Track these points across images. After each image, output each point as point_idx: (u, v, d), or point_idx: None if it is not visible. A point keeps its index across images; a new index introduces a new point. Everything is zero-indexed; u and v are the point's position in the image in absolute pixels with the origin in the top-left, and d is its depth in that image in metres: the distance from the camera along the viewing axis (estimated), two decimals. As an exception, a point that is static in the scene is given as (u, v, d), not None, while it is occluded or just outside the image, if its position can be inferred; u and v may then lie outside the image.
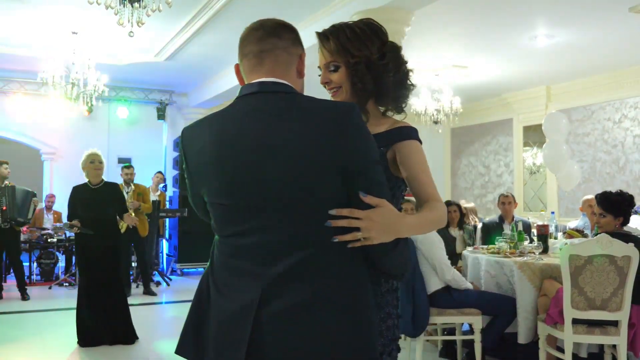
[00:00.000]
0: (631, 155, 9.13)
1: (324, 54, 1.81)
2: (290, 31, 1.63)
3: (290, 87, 1.56)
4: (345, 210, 1.45)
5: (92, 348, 5.19)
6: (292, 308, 1.44)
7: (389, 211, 1.49)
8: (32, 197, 7.97)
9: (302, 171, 1.44)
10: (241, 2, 6.43)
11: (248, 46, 1.61)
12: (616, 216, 4.11)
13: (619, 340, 3.74)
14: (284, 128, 1.46)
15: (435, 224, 1.73)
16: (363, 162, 1.48)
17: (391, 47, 1.84)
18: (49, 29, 7.54)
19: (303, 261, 1.45)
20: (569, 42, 7.66)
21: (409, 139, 1.78)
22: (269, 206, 1.47)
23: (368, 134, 1.52)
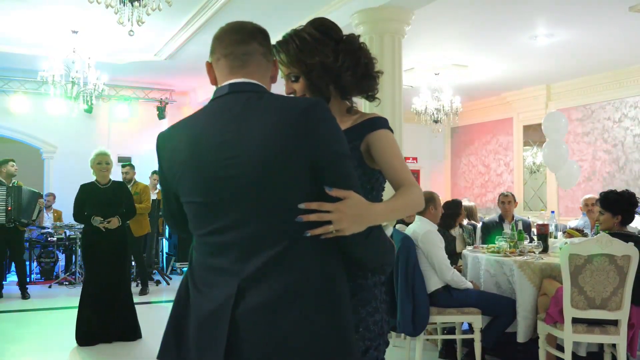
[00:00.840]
0: (631, 154, 9.13)
1: (281, 67, 1.83)
2: (267, 38, 1.68)
3: (260, 86, 1.60)
4: (314, 204, 1.46)
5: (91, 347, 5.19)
6: (266, 304, 1.45)
7: (357, 201, 1.49)
8: (38, 198, 7.98)
9: (268, 167, 1.45)
10: (240, 2, 6.43)
11: (229, 47, 1.62)
12: (614, 214, 4.12)
13: (618, 339, 3.74)
14: (249, 126, 1.49)
15: (410, 207, 1.73)
16: (328, 155, 1.49)
17: (346, 43, 1.83)
18: (49, 28, 7.55)
19: (276, 257, 1.46)
20: (569, 42, 7.66)
21: (379, 129, 1.80)
22: (240, 203, 1.49)
23: (334, 128, 1.53)
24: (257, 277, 1.47)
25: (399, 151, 1.81)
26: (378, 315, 1.80)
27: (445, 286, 4.30)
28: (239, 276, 1.48)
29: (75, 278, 8.71)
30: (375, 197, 1.84)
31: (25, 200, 7.75)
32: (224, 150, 1.50)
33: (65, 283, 8.71)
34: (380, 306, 1.82)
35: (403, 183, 1.74)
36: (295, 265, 1.48)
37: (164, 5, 5.22)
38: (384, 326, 1.83)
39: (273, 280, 1.46)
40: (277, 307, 1.45)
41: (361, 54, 1.85)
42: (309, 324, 1.46)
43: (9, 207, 7.54)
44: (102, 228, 5.27)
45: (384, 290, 1.85)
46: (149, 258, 8.89)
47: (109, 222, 5.30)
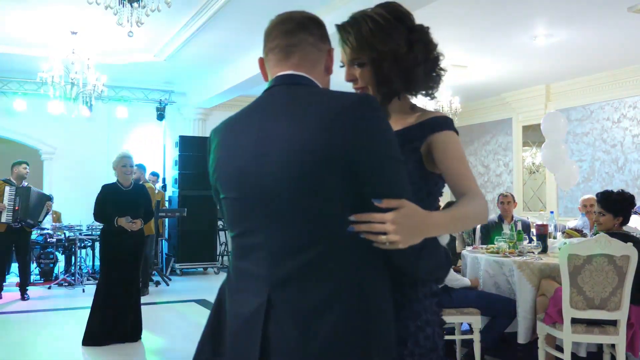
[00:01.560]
0: (630, 154, 9.14)
1: (345, 49, 1.65)
2: (319, 26, 1.56)
3: (309, 79, 1.48)
4: (364, 215, 1.33)
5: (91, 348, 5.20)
6: (297, 319, 1.35)
7: (413, 211, 1.34)
8: (46, 200, 7.99)
9: (300, 168, 1.34)
10: (240, 2, 6.43)
11: (275, 40, 1.53)
12: (615, 215, 4.12)
13: (617, 339, 3.74)
14: (287, 121, 1.39)
15: (472, 219, 1.57)
16: (374, 159, 1.34)
17: (419, 33, 1.65)
18: (49, 28, 7.55)
19: (308, 264, 1.36)
20: (568, 42, 7.67)
21: (443, 130, 1.62)
22: (270, 202, 1.39)
23: (383, 128, 1.38)
24: (285, 287, 1.37)
25: (463, 156, 1.63)
26: (429, 329, 1.61)
27: (445, 286, 4.29)
28: (268, 283, 1.39)
29: (74, 279, 8.70)
30: (430, 203, 1.65)
31: (33, 201, 7.78)
32: (259, 146, 1.41)
33: (65, 284, 8.70)
34: (432, 319, 1.63)
35: (466, 191, 1.57)
36: (328, 277, 1.35)
37: (163, 6, 5.22)
38: (436, 340, 1.63)
39: (303, 291, 1.36)
40: (306, 324, 1.35)
41: (434, 47, 1.67)
42: (341, 338, 1.34)
43: (16, 207, 7.58)
44: (129, 229, 5.32)
45: (436, 302, 1.67)
46: (148, 259, 8.88)
47: (134, 223, 5.36)
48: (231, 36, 7.53)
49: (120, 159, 5.45)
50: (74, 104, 8.37)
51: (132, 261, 5.41)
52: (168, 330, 6.04)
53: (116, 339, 5.32)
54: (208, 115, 11.52)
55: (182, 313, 6.93)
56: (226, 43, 7.86)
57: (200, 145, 10.51)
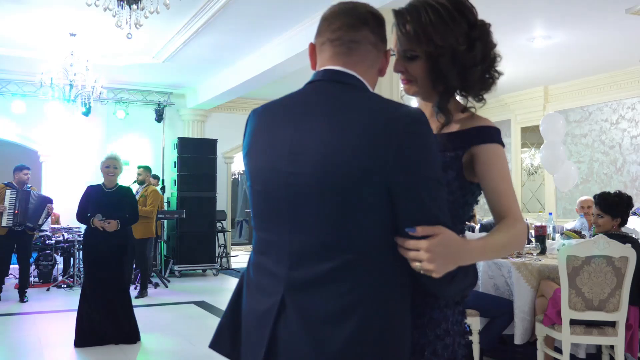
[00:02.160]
0: (628, 156, 9.15)
1: (400, 38, 1.54)
2: (380, 24, 1.47)
3: (358, 79, 1.41)
4: (399, 239, 1.30)
5: (90, 349, 5.21)
6: (307, 326, 1.32)
7: (448, 239, 1.28)
8: (47, 203, 8.00)
9: (338, 176, 1.28)
10: (238, 4, 6.43)
11: (338, 31, 1.43)
12: (614, 217, 4.13)
13: (616, 340, 3.74)
14: (326, 122, 1.33)
15: (509, 248, 1.50)
16: (413, 180, 1.28)
17: (480, 30, 1.55)
18: (47, 30, 7.54)
19: (330, 272, 1.30)
20: (567, 43, 7.68)
21: (490, 142, 1.53)
22: (300, 202, 1.34)
23: (427, 148, 1.30)
24: (305, 288, 1.33)
25: (507, 173, 1.53)
26: (449, 338, 1.55)
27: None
28: (284, 283, 1.36)
29: (73, 281, 8.69)
30: (465, 212, 1.60)
31: (32, 205, 7.78)
32: (295, 144, 1.35)
33: (64, 286, 8.69)
34: (452, 328, 1.56)
35: (506, 214, 1.50)
36: (349, 288, 1.30)
37: (162, 7, 5.23)
38: (456, 350, 1.57)
39: (319, 298, 1.31)
40: (320, 331, 1.31)
41: (493, 46, 1.59)
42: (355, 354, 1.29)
43: (16, 211, 7.58)
44: (100, 227, 5.29)
45: (459, 311, 1.59)
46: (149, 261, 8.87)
47: (109, 223, 5.31)
48: (230, 38, 7.54)
49: (105, 159, 5.46)
50: (72, 105, 8.36)
51: (113, 263, 5.36)
52: (167, 332, 6.04)
53: (110, 340, 5.32)
54: (207, 116, 11.53)
55: (181, 315, 6.92)
56: (225, 45, 7.87)
57: (199, 147, 10.52)
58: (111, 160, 5.45)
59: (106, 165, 5.43)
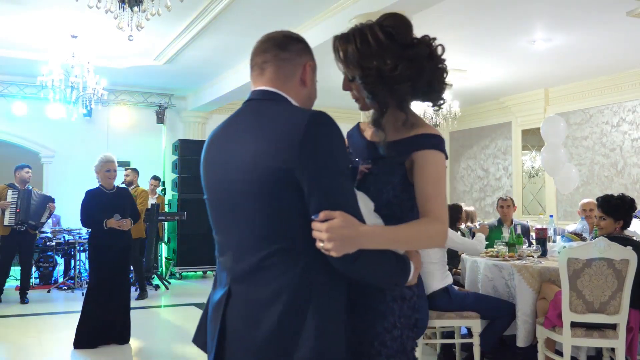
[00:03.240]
0: (629, 158, 9.15)
1: (339, 62, 1.75)
2: (297, 42, 1.66)
3: (278, 94, 1.60)
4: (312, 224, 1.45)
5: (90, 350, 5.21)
6: (246, 312, 1.52)
7: (346, 222, 1.42)
8: (48, 202, 8.01)
9: (260, 177, 1.48)
10: (240, 6, 6.44)
11: (254, 58, 1.67)
12: (616, 219, 4.12)
13: (617, 343, 3.74)
14: (249, 133, 1.54)
15: (417, 241, 1.61)
16: (315, 173, 1.44)
17: (414, 49, 1.69)
18: (49, 32, 7.56)
19: (261, 262, 1.50)
20: (567, 46, 7.69)
21: (426, 149, 1.68)
22: (237, 206, 1.55)
23: (326, 144, 1.46)
24: (241, 280, 1.55)
25: (438, 178, 1.66)
26: (397, 331, 1.70)
27: (445, 288, 4.30)
28: (231, 275, 1.57)
29: (74, 283, 8.69)
30: (415, 215, 1.71)
31: (34, 203, 7.79)
32: (227, 153, 1.58)
33: (64, 288, 8.69)
34: (400, 321, 1.71)
35: (427, 214, 1.63)
36: (276, 275, 1.48)
37: (164, 10, 5.23)
38: (405, 342, 1.72)
39: (254, 285, 1.51)
40: (252, 320, 1.50)
41: (427, 64, 1.70)
42: (280, 343, 1.46)
43: (17, 209, 7.61)
44: (117, 227, 5.35)
45: (408, 306, 1.73)
46: (148, 263, 8.88)
47: (125, 221, 5.40)
48: (230, 40, 7.54)
49: (103, 163, 5.47)
50: (73, 107, 8.37)
51: (120, 265, 5.44)
52: (167, 333, 6.04)
53: (106, 341, 5.35)
54: (207, 118, 11.54)
55: (182, 317, 6.92)
56: (225, 47, 7.88)
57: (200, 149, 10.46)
58: (110, 164, 5.48)
59: (107, 169, 5.45)
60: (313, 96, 1.71)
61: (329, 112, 1.53)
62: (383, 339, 1.68)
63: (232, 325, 1.54)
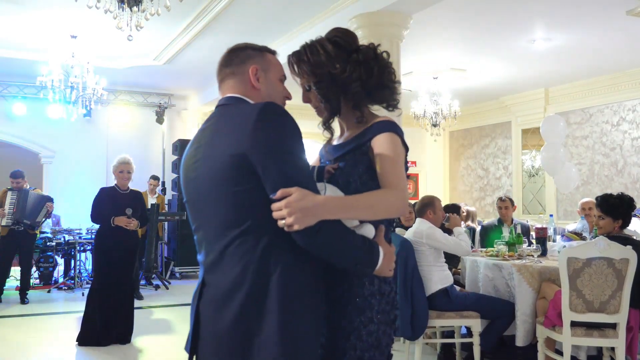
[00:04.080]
0: (629, 157, 9.15)
1: (294, 77, 1.91)
2: (239, 51, 1.84)
3: (238, 98, 1.75)
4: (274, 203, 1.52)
5: (91, 351, 5.21)
6: (212, 300, 1.61)
7: (302, 195, 1.50)
8: (46, 201, 8.01)
9: (220, 167, 1.59)
10: (239, 6, 6.44)
11: (217, 76, 1.85)
12: (615, 219, 4.12)
13: (617, 342, 3.74)
14: (212, 133, 1.68)
15: (373, 208, 1.67)
16: (265, 154, 1.54)
17: (360, 53, 1.84)
18: (48, 32, 7.56)
19: (224, 251, 1.60)
20: (567, 45, 7.68)
21: (381, 132, 1.80)
22: (202, 202, 1.67)
23: (274, 129, 1.56)
24: (212, 270, 1.64)
25: (393, 155, 1.77)
26: (373, 326, 1.76)
27: (444, 289, 4.30)
28: (204, 267, 1.69)
29: (74, 283, 8.69)
30: None
31: (31, 202, 7.79)
32: (195, 154, 1.70)
33: (64, 288, 8.69)
34: (377, 317, 1.77)
35: (387, 186, 1.73)
36: (237, 262, 1.57)
37: (163, 10, 5.23)
38: (380, 337, 1.78)
39: (221, 274, 1.61)
40: (219, 304, 1.59)
41: (374, 65, 1.84)
42: (244, 325, 1.54)
43: (14, 209, 7.61)
44: (124, 225, 5.39)
45: (386, 301, 1.80)
46: (148, 263, 8.88)
47: (133, 221, 5.45)
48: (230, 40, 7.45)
49: (118, 164, 5.56)
50: (73, 107, 8.37)
51: (126, 264, 5.48)
52: (167, 333, 6.04)
53: (109, 341, 5.38)
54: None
55: (182, 316, 6.92)
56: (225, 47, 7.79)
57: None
58: (126, 165, 5.57)
59: (120, 170, 5.55)
60: (272, 94, 1.80)
61: None
62: (359, 333, 1.74)
63: (204, 312, 1.63)
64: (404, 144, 1.84)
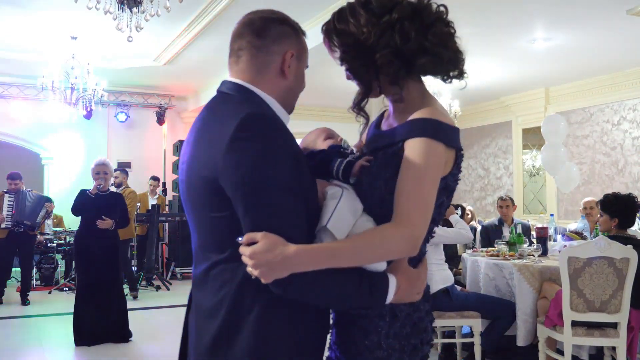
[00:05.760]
0: (630, 157, 9.14)
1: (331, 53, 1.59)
2: (278, 25, 1.50)
3: (245, 88, 1.46)
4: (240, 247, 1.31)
5: (90, 352, 5.22)
6: (198, 313, 1.47)
7: (271, 245, 1.25)
8: (45, 202, 8.01)
9: (195, 187, 1.40)
10: (240, 7, 6.43)
11: (232, 43, 1.53)
12: (611, 217, 4.12)
13: (618, 342, 3.73)
14: (199, 131, 1.44)
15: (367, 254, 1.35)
16: (234, 184, 1.30)
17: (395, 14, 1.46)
18: (48, 33, 7.56)
19: (207, 271, 1.42)
20: (567, 45, 7.68)
21: (415, 137, 1.43)
22: (189, 209, 1.48)
23: (250, 150, 1.29)
24: (197, 286, 1.49)
25: (420, 172, 1.39)
26: (381, 352, 1.46)
27: (445, 289, 4.30)
28: (192, 281, 1.53)
29: (74, 284, 8.68)
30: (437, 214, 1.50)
31: (29, 203, 7.80)
32: (184, 154, 1.49)
33: (65, 289, 8.69)
34: (387, 342, 1.47)
35: (394, 216, 1.39)
36: (219, 286, 1.39)
37: (163, 11, 5.23)
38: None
39: (204, 293, 1.44)
40: (199, 324, 1.46)
41: (411, 25, 1.45)
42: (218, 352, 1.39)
43: (13, 211, 7.62)
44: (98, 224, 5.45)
45: (403, 324, 1.48)
46: (149, 263, 8.88)
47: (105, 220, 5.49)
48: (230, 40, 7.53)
49: (95, 166, 5.63)
50: (74, 108, 8.38)
51: (106, 263, 5.50)
52: (168, 334, 6.04)
53: (103, 339, 5.41)
54: (208, 119, 11.53)
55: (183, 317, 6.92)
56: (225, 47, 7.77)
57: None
58: (101, 166, 5.62)
59: (97, 172, 5.60)
60: (295, 87, 1.52)
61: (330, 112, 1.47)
62: (365, 358, 1.48)
63: (191, 324, 1.52)
64: (454, 146, 1.50)
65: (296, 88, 1.53)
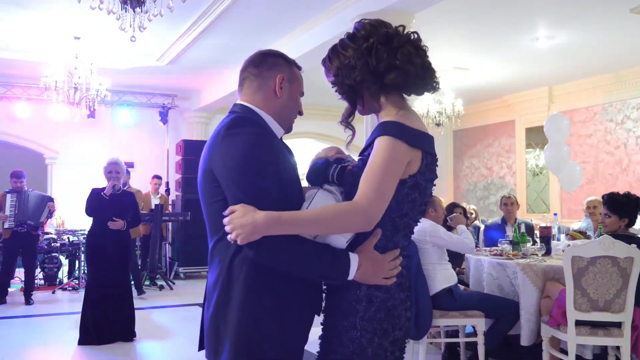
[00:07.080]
0: (634, 156, 9.12)
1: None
2: (271, 57, 1.85)
3: (246, 107, 1.80)
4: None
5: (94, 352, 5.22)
6: (208, 289, 1.79)
7: (243, 211, 1.57)
8: (47, 201, 8.03)
9: (201, 182, 1.76)
10: (242, 6, 6.44)
11: (239, 76, 1.89)
12: (621, 217, 4.11)
13: (622, 341, 3.72)
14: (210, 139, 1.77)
15: (323, 224, 1.60)
16: (223, 170, 1.66)
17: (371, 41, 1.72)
18: (52, 34, 7.58)
19: (211, 252, 1.77)
20: (571, 43, 7.66)
21: (379, 135, 1.68)
22: (202, 205, 1.79)
23: (236, 143, 1.65)
24: (209, 267, 1.81)
25: (380, 161, 1.62)
26: (355, 332, 1.67)
27: (448, 288, 4.29)
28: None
29: (78, 283, 8.71)
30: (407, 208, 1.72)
31: (32, 203, 7.81)
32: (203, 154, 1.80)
33: (69, 288, 8.71)
34: (361, 324, 1.67)
35: (355, 198, 1.61)
36: (216, 265, 1.74)
37: (166, 10, 5.23)
38: (365, 346, 1.67)
39: (210, 273, 1.79)
40: (208, 296, 1.78)
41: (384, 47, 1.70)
42: (215, 321, 1.71)
43: (15, 211, 7.63)
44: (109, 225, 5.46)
45: (377, 309, 1.68)
46: (152, 263, 8.90)
47: (116, 221, 5.51)
48: (233, 40, 7.55)
49: (107, 165, 5.66)
50: (77, 108, 8.39)
51: (117, 263, 5.52)
52: (171, 334, 6.05)
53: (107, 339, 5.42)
54: (211, 119, 11.54)
55: (186, 317, 6.93)
56: (228, 47, 7.88)
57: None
58: (113, 165, 5.64)
59: (109, 171, 5.62)
60: (290, 106, 1.84)
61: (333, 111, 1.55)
62: (340, 338, 1.70)
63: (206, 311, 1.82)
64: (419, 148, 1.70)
65: (290, 107, 1.85)
